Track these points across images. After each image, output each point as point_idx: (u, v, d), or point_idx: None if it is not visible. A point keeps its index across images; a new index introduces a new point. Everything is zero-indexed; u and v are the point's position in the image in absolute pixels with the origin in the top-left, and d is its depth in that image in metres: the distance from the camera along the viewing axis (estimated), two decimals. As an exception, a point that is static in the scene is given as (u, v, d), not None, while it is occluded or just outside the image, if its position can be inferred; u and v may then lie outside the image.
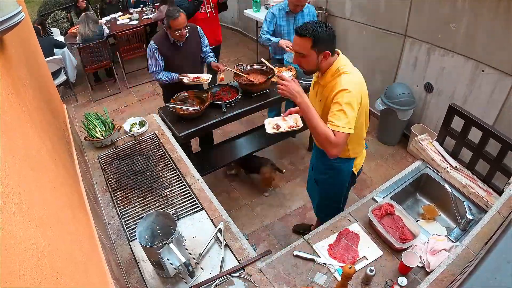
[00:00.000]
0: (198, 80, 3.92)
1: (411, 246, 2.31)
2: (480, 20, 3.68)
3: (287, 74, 4.04)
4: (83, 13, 6.79)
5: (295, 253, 2.37)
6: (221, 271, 2.26)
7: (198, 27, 4.06)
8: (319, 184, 3.04)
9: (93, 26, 6.57)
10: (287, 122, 2.70)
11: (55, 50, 6.63)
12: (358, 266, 2.27)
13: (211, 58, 4.18)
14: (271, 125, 2.72)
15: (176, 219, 2.25)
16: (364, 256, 2.36)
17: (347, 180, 2.87)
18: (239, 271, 2.29)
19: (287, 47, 4.17)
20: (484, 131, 2.64)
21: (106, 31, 6.92)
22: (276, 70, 4.06)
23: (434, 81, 4.49)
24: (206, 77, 3.98)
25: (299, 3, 4.24)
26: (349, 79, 2.28)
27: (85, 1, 8.15)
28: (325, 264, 2.31)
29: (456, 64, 4.10)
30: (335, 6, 5.59)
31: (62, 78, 6.70)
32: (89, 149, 3.35)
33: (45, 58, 3.56)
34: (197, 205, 2.72)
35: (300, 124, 2.69)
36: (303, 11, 4.43)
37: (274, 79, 4.00)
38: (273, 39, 4.39)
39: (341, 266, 2.25)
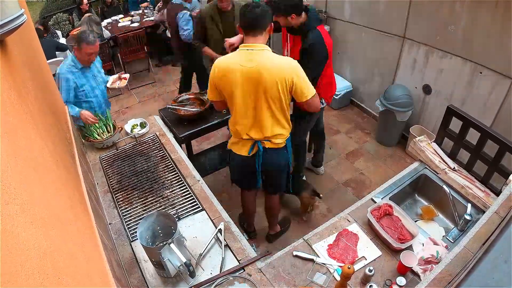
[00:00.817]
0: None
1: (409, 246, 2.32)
2: (478, 22, 3.69)
3: None
4: (85, 15, 6.81)
5: (295, 253, 2.37)
6: (221, 271, 2.26)
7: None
8: None
9: (96, 28, 6.58)
10: None
11: (57, 52, 6.63)
12: (357, 266, 2.27)
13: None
14: None
15: (176, 219, 2.25)
16: (363, 256, 2.36)
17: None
18: (239, 271, 2.29)
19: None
20: (482, 133, 2.64)
21: (107, 33, 6.92)
22: None
23: (433, 83, 4.49)
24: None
25: (91, 59, 3.58)
26: None
27: (88, 4, 8.17)
28: (324, 264, 2.31)
29: (454, 66, 4.11)
30: (334, 8, 5.60)
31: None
32: (90, 150, 3.35)
33: (47, 59, 3.55)
34: (197, 206, 2.73)
35: None
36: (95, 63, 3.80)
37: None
38: (72, 111, 3.47)
39: (341, 266, 2.25)
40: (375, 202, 2.71)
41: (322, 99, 3.68)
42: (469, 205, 2.55)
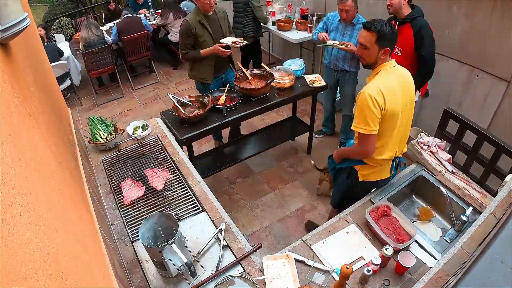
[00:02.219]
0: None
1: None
2: (475, 26, 3.69)
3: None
4: (85, 19, 6.84)
5: (293, 256, 2.37)
6: (218, 270, 2.26)
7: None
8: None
9: (96, 31, 6.60)
10: None
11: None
12: (355, 266, 2.27)
13: None
14: None
15: (177, 220, 2.25)
16: (362, 256, 2.36)
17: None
18: (235, 266, 2.29)
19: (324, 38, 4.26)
20: (478, 135, 2.65)
21: (108, 38, 6.93)
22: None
23: (430, 86, 4.48)
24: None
25: (343, 14, 4.07)
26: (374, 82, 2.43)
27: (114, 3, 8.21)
28: (318, 268, 2.31)
29: (451, 69, 4.11)
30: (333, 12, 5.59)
31: (67, 83, 6.71)
32: (93, 152, 3.35)
33: (51, 63, 3.56)
34: (198, 207, 2.73)
35: None
36: (355, 26, 4.18)
37: (273, 84, 4.01)
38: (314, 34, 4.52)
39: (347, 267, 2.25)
40: (373, 203, 2.71)
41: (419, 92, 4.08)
42: (470, 208, 2.55)
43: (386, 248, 2.19)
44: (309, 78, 4.23)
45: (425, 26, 3.62)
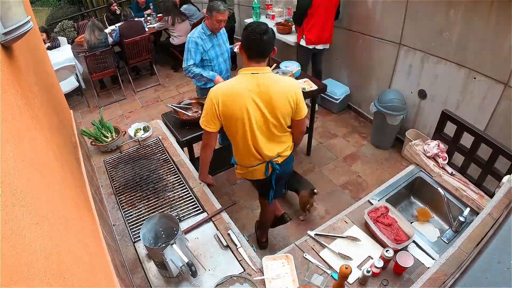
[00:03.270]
0: None
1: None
2: (472, 29, 3.70)
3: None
4: (89, 21, 6.84)
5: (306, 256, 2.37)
6: (223, 272, 2.26)
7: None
8: None
9: (98, 34, 6.61)
10: None
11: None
12: (364, 267, 2.28)
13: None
14: None
15: (178, 221, 2.25)
16: (369, 256, 2.36)
17: None
18: (206, 222, 2.37)
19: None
20: (476, 136, 2.65)
21: (110, 39, 6.95)
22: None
23: (428, 88, 4.50)
24: None
25: (221, 24, 3.92)
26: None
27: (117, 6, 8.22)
28: (320, 266, 2.31)
29: (449, 72, 4.11)
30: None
31: (74, 84, 6.73)
32: (95, 154, 3.35)
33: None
34: (198, 208, 2.73)
35: None
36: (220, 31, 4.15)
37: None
38: (206, 74, 4.02)
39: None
40: (372, 204, 2.71)
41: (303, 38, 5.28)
42: (467, 209, 2.55)
43: (387, 250, 2.19)
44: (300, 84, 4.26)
45: None
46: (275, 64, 4.33)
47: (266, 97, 2.42)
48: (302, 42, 5.35)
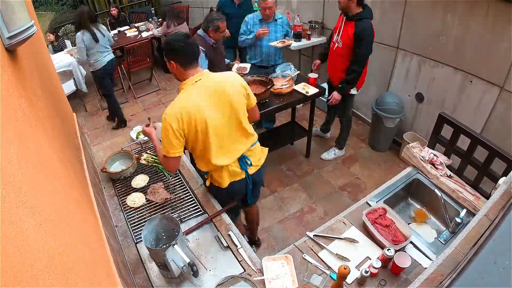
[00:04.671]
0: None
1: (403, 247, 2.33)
2: (468, 33, 3.70)
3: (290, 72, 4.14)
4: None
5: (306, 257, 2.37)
6: (224, 273, 2.26)
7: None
8: None
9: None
10: None
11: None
12: (362, 267, 2.27)
13: None
14: None
15: (179, 222, 2.25)
16: (368, 257, 2.36)
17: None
18: (207, 223, 2.32)
19: (263, 33, 4.56)
20: (472, 139, 2.65)
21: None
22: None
23: (425, 91, 4.50)
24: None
25: (267, 11, 4.52)
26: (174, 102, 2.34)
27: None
28: (319, 266, 2.31)
29: (446, 75, 4.12)
30: (331, 20, 5.62)
31: (71, 88, 6.72)
32: (98, 156, 3.35)
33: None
34: (199, 209, 2.73)
35: None
36: (276, 21, 4.69)
37: (273, 89, 4.03)
38: (249, 36, 4.68)
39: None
40: (370, 206, 2.71)
41: (355, 88, 4.36)
42: (464, 210, 2.55)
43: (388, 249, 2.19)
44: (298, 88, 4.27)
45: (366, 29, 3.85)
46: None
47: (222, 94, 2.36)
48: (354, 91, 4.44)
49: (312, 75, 4.43)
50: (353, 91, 4.36)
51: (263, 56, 4.86)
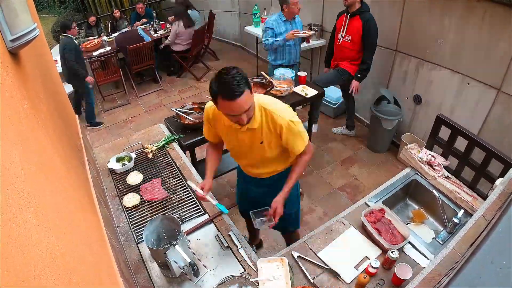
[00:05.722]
0: None
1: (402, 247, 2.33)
2: (466, 36, 3.71)
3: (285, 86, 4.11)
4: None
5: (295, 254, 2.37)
6: (224, 272, 2.26)
7: None
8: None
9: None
10: None
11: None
12: (361, 268, 2.27)
13: None
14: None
15: (180, 222, 2.25)
16: (366, 256, 2.36)
17: None
18: (208, 224, 2.33)
19: (293, 34, 4.68)
20: (469, 140, 2.65)
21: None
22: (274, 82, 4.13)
23: (423, 93, 4.51)
24: None
25: (295, 13, 4.78)
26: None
27: (95, 20, 8.23)
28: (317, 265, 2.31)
29: (443, 78, 4.13)
30: (330, 23, 5.62)
31: (69, 89, 6.71)
32: (99, 157, 3.35)
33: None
34: (200, 210, 2.73)
35: None
36: (295, 19, 4.90)
37: (273, 92, 4.03)
38: (279, 38, 4.77)
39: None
40: (369, 206, 2.71)
41: None
42: (461, 211, 2.55)
43: (392, 251, 2.18)
44: (298, 90, 4.28)
45: (371, 19, 4.29)
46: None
47: None
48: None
49: (302, 73, 4.47)
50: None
51: (291, 55, 5.05)
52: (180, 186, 2.95)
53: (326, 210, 4.27)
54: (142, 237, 2.41)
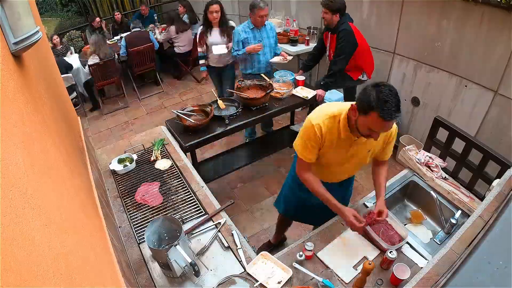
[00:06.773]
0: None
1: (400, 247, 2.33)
2: (463, 39, 3.71)
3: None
4: (97, 35, 6.81)
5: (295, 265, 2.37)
6: (225, 272, 2.26)
7: None
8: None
9: (104, 48, 6.57)
10: None
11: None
12: (359, 267, 2.27)
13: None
14: None
15: (181, 223, 2.25)
16: (365, 256, 2.36)
17: None
18: (207, 222, 2.30)
19: (253, 49, 4.48)
20: (467, 142, 2.66)
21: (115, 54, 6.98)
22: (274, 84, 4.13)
23: (421, 95, 4.51)
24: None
25: (264, 19, 4.45)
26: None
27: (99, 22, 8.23)
28: (310, 273, 2.31)
29: (441, 80, 4.13)
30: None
31: (73, 94, 6.71)
32: (101, 158, 3.35)
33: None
34: (201, 210, 2.73)
35: None
36: (265, 26, 4.62)
37: (273, 94, 4.04)
38: (241, 50, 4.56)
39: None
40: (367, 207, 2.71)
41: (364, 73, 4.52)
42: (458, 212, 2.56)
43: (390, 252, 2.18)
44: (297, 92, 4.29)
45: (344, 30, 4.07)
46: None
47: None
48: (365, 77, 4.59)
49: (300, 77, 4.47)
50: (365, 77, 4.55)
51: (261, 64, 4.75)
52: (181, 187, 2.95)
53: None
54: (143, 238, 2.41)
